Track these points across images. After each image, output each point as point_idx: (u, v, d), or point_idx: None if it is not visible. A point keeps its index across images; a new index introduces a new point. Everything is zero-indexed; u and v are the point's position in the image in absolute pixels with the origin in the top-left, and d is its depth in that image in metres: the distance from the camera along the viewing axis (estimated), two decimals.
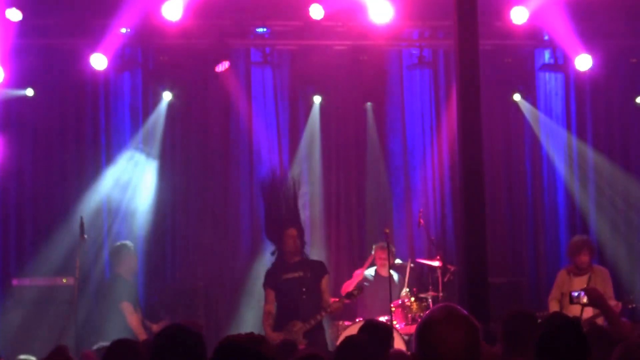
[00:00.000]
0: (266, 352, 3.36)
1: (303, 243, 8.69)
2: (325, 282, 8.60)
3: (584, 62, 10.37)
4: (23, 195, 10.37)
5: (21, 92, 10.14)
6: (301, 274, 8.45)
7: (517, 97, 10.87)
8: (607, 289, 8.79)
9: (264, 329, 8.47)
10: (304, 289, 8.38)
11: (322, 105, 10.88)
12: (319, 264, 8.80)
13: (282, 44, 10.70)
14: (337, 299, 8.64)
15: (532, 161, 11.13)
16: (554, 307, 9.03)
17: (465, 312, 2.97)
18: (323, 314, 8.42)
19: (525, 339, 4.62)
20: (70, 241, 9.58)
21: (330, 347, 8.50)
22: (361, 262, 10.12)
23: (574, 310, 8.68)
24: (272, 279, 8.58)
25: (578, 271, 9.07)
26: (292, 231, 8.56)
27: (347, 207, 10.93)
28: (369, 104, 10.93)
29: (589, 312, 8.53)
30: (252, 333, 3.75)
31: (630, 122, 11.04)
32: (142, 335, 8.60)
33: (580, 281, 8.97)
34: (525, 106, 10.94)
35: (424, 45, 10.63)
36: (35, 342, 8.79)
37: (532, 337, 4.21)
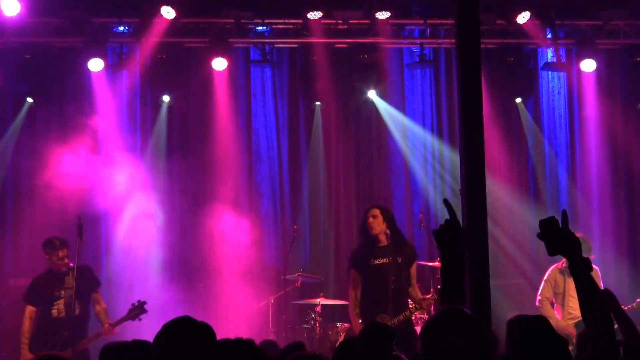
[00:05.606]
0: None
1: (392, 225, 8.06)
2: (414, 269, 8.10)
3: (588, 65, 10.36)
4: (19, 195, 10.30)
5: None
6: (390, 259, 7.89)
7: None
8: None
9: (351, 317, 8.04)
10: (392, 278, 7.79)
11: (322, 104, 10.79)
12: (410, 247, 8.24)
13: (282, 42, 10.65)
14: (430, 294, 8.20)
15: (533, 159, 11.08)
16: (546, 307, 8.69)
17: (470, 313, 3.06)
18: (412, 311, 7.90)
19: None
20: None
21: (331, 350, 8.40)
22: None
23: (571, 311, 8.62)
24: (359, 262, 8.03)
25: None
26: (375, 211, 8.08)
27: (347, 207, 10.83)
28: (372, 91, 10.73)
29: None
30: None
31: (634, 120, 10.96)
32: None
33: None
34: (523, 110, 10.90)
35: (425, 43, 10.56)
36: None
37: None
